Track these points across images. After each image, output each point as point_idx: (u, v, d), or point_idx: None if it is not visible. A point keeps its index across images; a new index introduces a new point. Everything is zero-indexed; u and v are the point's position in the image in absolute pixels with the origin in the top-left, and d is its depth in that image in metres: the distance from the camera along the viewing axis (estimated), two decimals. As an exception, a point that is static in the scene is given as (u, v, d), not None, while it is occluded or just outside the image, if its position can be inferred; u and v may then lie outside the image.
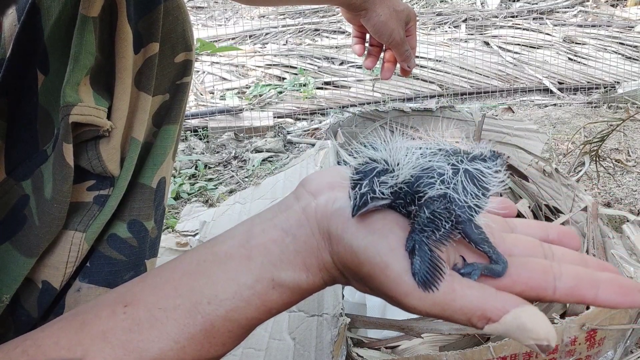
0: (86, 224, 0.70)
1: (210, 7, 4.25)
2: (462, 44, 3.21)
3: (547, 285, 0.46)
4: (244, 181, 1.98)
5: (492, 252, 0.47)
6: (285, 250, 0.48)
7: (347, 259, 0.46)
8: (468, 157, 0.47)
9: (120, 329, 0.47)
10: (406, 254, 0.45)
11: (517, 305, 0.43)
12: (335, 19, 3.68)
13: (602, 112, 2.43)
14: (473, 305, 0.43)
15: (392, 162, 0.46)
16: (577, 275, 0.47)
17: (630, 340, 1.04)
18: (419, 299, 0.44)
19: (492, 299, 0.43)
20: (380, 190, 0.45)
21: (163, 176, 0.77)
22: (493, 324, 0.43)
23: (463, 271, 0.46)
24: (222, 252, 0.49)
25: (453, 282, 0.44)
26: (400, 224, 0.46)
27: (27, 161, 0.70)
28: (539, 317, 0.43)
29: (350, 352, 0.99)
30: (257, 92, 2.71)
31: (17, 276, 0.68)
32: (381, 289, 0.45)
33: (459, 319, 0.44)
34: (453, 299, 0.43)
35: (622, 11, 3.72)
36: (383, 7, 1.04)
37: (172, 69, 0.77)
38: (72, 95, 0.65)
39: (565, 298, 0.47)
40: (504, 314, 0.43)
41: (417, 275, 0.44)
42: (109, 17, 0.69)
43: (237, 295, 0.47)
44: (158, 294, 0.48)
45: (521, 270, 0.47)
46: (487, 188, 0.47)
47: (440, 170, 0.46)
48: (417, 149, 0.47)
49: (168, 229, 1.57)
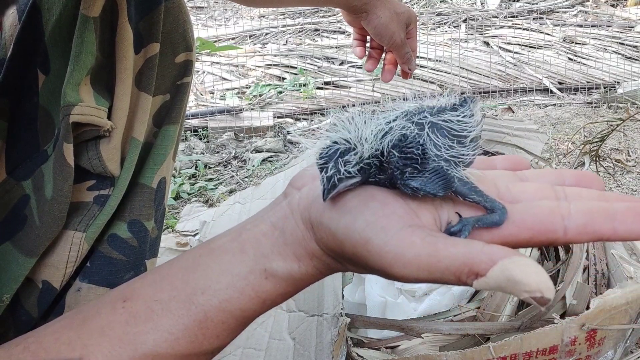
0: (86, 223, 0.70)
1: (210, 7, 4.25)
2: (462, 44, 3.21)
3: (555, 226, 0.43)
4: (244, 181, 1.98)
5: (483, 201, 0.44)
6: (276, 242, 0.48)
7: (330, 243, 0.46)
8: (433, 111, 0.45)
9: (118, 323, 0.47)
10: (383, 226, 0.43)
11: (505, 256, 0.40)
12: (335, 19, 3.68)
13: (602, 112, 2.43)
14: (459, 262, 0.41)
15: (354, 138, 0.45)
16: (588, 211, 0.43)
17: (630, 340, 1.04)
18: (403, 266, 0.42)
19: (478, 253, 0.41)
20: (347, 170, 0.44)
21: (163, 176, 0.77)
22: (482, 279, 0.40)
23: (453, 230, 0.44)
24: (216, 246, 0.50)
25: (437, 243, 0.42)
26: (377, 196, 0.46)
27: (28, 161, 0.70)
28: (529, 267, 0.39)
29: (350, 352, 1.00)
30: (257, 92, 2.71)
31: (18, 276, 0.68)
32: (369, 264, 0.44)
33: (449, 279, 0.42)
34: (438, 260, 0.41)
35: (622, 11, 3.72)
36: (384, 9, 1.04)
37: (173, 69, 0.77)
38: (72, 95, 0.66)
39: (580, 237, 0.43)
40: (491, 267, 0.40)
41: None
42: (110, 17, 0.69)
43: (230, 286, 0.48)
44: (155, 288, 0.49)
45: (526, 215, 0.44)
46: (461, 136, 0.44)
47: (404, 131, 0.44)
48: (380, 118, 0.46)
49: (168, 229, 1.57)
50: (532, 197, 0.47)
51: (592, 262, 1.14)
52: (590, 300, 0.98)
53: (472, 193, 0.44)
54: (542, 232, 0.43)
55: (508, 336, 0.94)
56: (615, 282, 1.08)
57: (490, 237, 0.44)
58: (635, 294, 0.97)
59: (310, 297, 1.07)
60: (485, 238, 0.44)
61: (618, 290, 0.97)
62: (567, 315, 1.01)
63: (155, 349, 0.47)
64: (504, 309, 1.09)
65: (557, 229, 0.43)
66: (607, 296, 0.96)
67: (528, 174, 0.52)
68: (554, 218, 0.43)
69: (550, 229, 0.43)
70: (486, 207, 0.44)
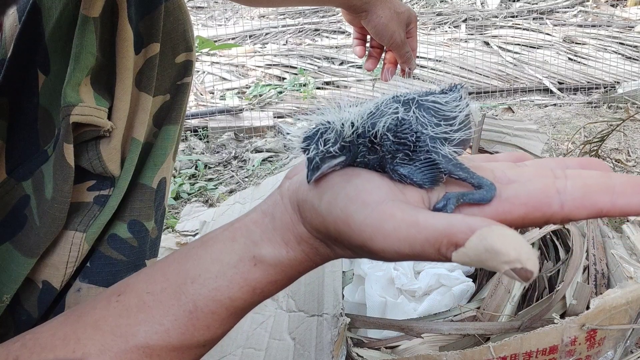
0: (86, 224, 0.70)
1: (210, 7, 4.25)
2: (462, 44, 3.21)
3: (550, 200, 0.41)
4: (244, 181, 1.98)
5: (470, 177, 0.43)
6: (265, 229, 0.48)
7: (316, 222, 0.46)
8: (421, 95, 0.45)
9: (112, 316, 0.48)
10: (364, 200, 0.43)
11: (484, 225, 0.38)
12: (335, 19, 3.68)
13: (602, 112, 2.43)
14: (438, 232, 0.39)
15: (337, 119, 0.44)
16: (585, 184, 0.41)
17: (630, 340, 1.04)
18: (383, 239, 0.41)
19: (458, 223, 0.39)
20: (327, 149, 0.44)
21: (163, 176, 0.77)
22: (461, 249, 0.38)
23: (436, 206, 0.43)
24: (209, 237, 0.51)
25: (417, 215, 0.41)
26: (362, 174, 0.45)
27: (28, 161, 0.70)
28: (509, 236, 0.37)
29: (350, 352, 1.00)
30: (257, 92, 2.71)
31: (18, 276, 0.68)
32: (352, 241, 0.44)
33: (430, 253, 0.40)
34: (417, 231, 0.40)
35: (622, 11, 3.72)
36: (384, 8, 1.04)
37: (173, 70, 0.77)
38: (72, 95, 0.66)
39: (578, 212, 0.41)
40: (470, 236, 0.38)
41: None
42: (110, 18, 0.69)
43: (220, 275, 0.48)
44: (148, 280, 0.49)
45: (519, 191, 0.42)
46: (448, 117, 0.44)
47: (390, 109, 0.44)
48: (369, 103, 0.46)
49: (168, 229, 1.57)
50: (529, 178, 0.45)
51: (592, 262, 1.14)
52: (590, 300, 0.98)
53: (458, 170, 0.43)
54: (537, 207, 0.41)
55: (508, 336, 0.94)
56: (615, 282, 1.08)
57: (482, 215, 0.42)
58: (635, 294, 0.97)
59: (310, 297, 1.07)
60: (478, 216, 0.42)
61: (618, 290, 0.97)
62: (567, 315, 1.01)
63: (146, 340, 0.47)
64: (504, 309, 1.09)
65: (552, 202, 0.41)
66: (607, 296, 0.96)
67: (528, 162, 0.50)
68: (548, 192, 0.41)
69: (545, 202, 0.41)
70: (473, 184, 0.43)
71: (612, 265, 1.13)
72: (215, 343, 0.50)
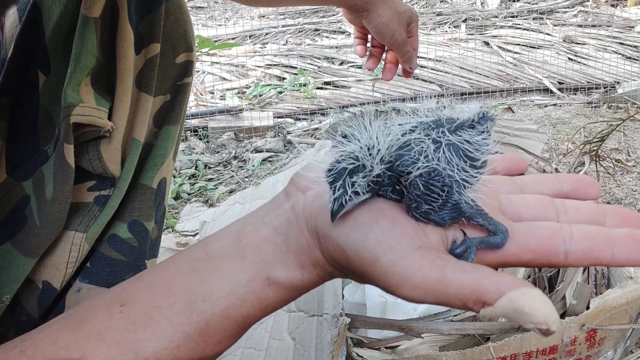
0: (87, 224, 0.70)
1: (210, 7, 4.25)
2: (462, 44, 3.21)
3: (557, 250, 0.44)
4: (244, 181, 1.98)
5: (487, 224, 0.44)
6: (278, 249, 0.48)
7: (337, 257, 0.46)
8: (452, 128, 0.45)
9: (116, 328, 0.47)
10: (393, 245, 0.43)
11: (513, 287, 0.40)
12: (335, 19, 3.68)
13: (602, 112, 2.43)
14: (467, 290, 0.41)
15: (365, 153, 0.44)
16: (589, 235, 0.44)
17: (630, 340, 1.04)
18: (411, 289, 0.42)
19: (487, 282, 0.41)
20: (355, 191, 0.44)
21: (164, 177, 0.77)
22: (489, 308, 0.40)
23: (457, 251, 0.44)
24: (215, 251, 0.49)
25: (445, 267, 0.42)
26: (387, 212, 0.45)
27: (28, 161, 0.70)
28: (537, 300, 0.40)
29: (350, 352, 1.00)
30: (257, 92, 2.71)
31: (18, 276, 0.68)
32: (375, 282, 0.44)
33: (455, 304, 0.42)
34: (446, 286, 0.41)
35: (622, 11, 3.72)
36: (385, 8, 1.04)
37: (173, 70, 0.77)
38: (73, 95, 0.66)
39: (580, 262, 0.44)
40: (499, 298, 0.40)
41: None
42: (110, 18, 0.69)
43: (232, 293, 0.47)
44: (153, 292, 0.48)
45: (528, 237, 0.45)
46: (475, 158, 0.44)
47: (421, 147, 0.44)
48: (395, 127, 0.45)
49: (168, 229, 1.57)
50: (533, 213, 0.47)
51: (592, 262, 1.14)
52: (590, 300, 0.98)
53: (478, 216, 0.45)
54: (544, 255, 0.44)
55: (508, 336, 0.94)
56: (615, 282, 1.08)
57: (493, 257, 0.44)
58: (635, 294, 0.97)
59: (310, 297, 1.07)
60: (489, 258, 0.44)
61: (618, 290, 0.97)
62: (567, 315, 1.01)
63: (156, 356, 0.46)
64: (504, 309, 1.09)
65: (558, 252, 0.44)
66: (607, 296, 0.96)
67: (527, 181, 0.52)
68: (556, 242, 0.44)
69: (552, 252, 0.44)
70: (489, 230, 0.45)
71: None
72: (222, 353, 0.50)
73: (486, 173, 0.46)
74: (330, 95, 2.70)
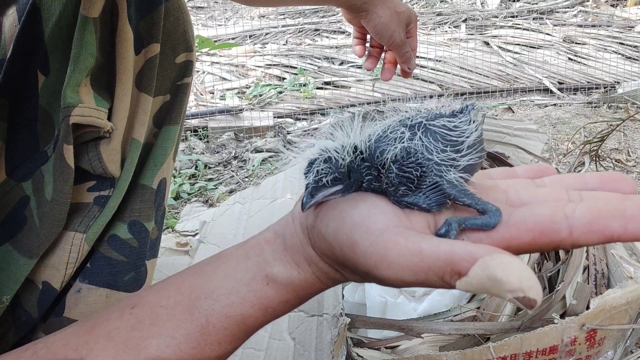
0: (87, 224, 0.70)
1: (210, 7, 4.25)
2: (462, 44, 3.21)
3: (558, 226, 0.40)
4: (244, 181, 1.98)
5: (474, 203, 0.43)
6: (277, 249, 0.49)
7: (323, 247, 0.46)
8: (430, 117, 0.45)
9: (124, 328, 0.48)
10: (369, 226, 0.43)
11: (486, 254, 0.38)
12: (335, 19, 3.68)
13: (602, 112, 2.43)
14: (441, 260, 0.39)
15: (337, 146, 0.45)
16: (594, 208, 0.40)
17: (630, 340, 1.04)
18: (388, 266, 0.41)
19: (460, 251, 0.39)
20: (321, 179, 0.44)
21: (164, 177, 0.77)
22: (464, 279, 0.38)
23: (439, 232, 0.43)
24: (223, 254, 0.51)
25: (421, 242, 0.41)
26: (368, 199, 0.45)
27: (28, 162, 0.70)
28: (512, 264, 0.37)
29: (350, 352, 1.00)
30: (257, 92, 2.71)
31: (18, 277, 0.68)
32: (358, 267, 0.44)
33: (434, 281, 0.40)
34: (421, 259, 0.40)
35: (622, 11, 3.72)
36: (384, 8, 1.04)
37: (173, 70, 0.77)
38: (72, 96, 0.66)
39: (587, 237, 0.39)
40: (472, 265, 0.38)
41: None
42: (110, 18, 0.69)
43: (233, 291, 0.48)
44: (162, 294, 0.50)
45: (526, 216, 0.41)
46: (455, 142, 0.44)
47: (397, 135, 0.44)
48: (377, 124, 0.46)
49: (168, 229, 1.57)
50: (541, 201, 0.44)
51: (592, 262, 1.14)
52: (590, 300, 0.98)
53: (462, 196, 0.43)
54: (544, 233, 0.40)
55: (508, 336, 0.94)
56: (615, 282, 1.08)
57: (490, 241, 0.42)
58: (635, 294, 0.97)
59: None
60: (485, 242, 0.42)
61: (618, 290, 0.97)
62: (567, 315, 1.01)
63: (157, 354, 0.47)
64: (504, 309, 1.09)
65: (560, 228, 0.40)
66: (607, 296, 0.96)
67: (547, 180, 0.49)
68: (556, 217, 0.40)
69: (552, 228, 0.40)
70: (478, 210, 0.43)
71: (612, 265, 1.13)
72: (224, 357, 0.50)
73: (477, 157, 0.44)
74: (330, 95, 2.70)
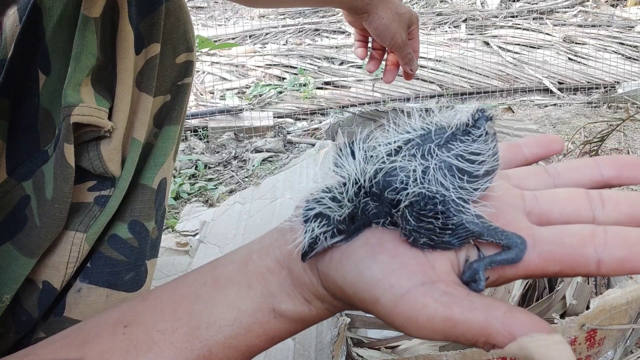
0: (87, 224, 0.70)
1: (210, 7, 4.25)
2: (462, 44, 3.21)
3: (587, 261, 0.39)
4: (244, 181, 1.98)
5: (498, 239, 0.40)
6: (283, 282, 0.46)
7: (339, 294, 0.44)
8: (441, 141, 0.41)
9: (118, 350, 0.46)
10: (393, 284, 0.40)
11: (525, 333, 0.37)
12: (335, 19, 3.68)
13: (602, 112, 2.43)
14: (475, 331, 0.38)
15: (341, 189, 0.41)
16: (627, 242, 0.39)
17: (630, 340, 1.04)
18: (417, 330, 0.40)
19: (497, 324, 0.38)
20: (323, 232, 0.41)
21: (164, 177, 0.77)
22: (499, 350, 0.38)
23: (464, 278, 0.40)
24: (222, 276, 0.48)
25: (452, 305, 0.39)
26: (386, 245, 0.42)
27: (28, 161, 0.70)
28: (550, 350, 0.36)
29: (350, 352, 1.00)
30: (257, 92, 2.71)
31: (18, 276, 0.68)
32: (381, 319, 0.42)
33: (465, 343, 0.40)
34: (453, 326, 0.39)
35: (622, 11, 3.72)
36: (385, 10, 1.04)
37: (174, 70, 0.77)
38: (73, 95, 0.66)
39: (614, 272, 0.39)
40: (509, 342, 0.37)
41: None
42: (111, 18, 0.69)
43: (236, 322, 0.46)
44: (157, 315, 0.47)
45: (553, 246, 0.40)
46: (473, 169, 0.40)
47: (408, 171, 0.40)
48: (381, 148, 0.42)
49: (168, 229, 1.57)
50: (564, 210, 0.43)
51: (592, 262, 1.14)
52: (590, 300, 0.98)
53: (485, 234, 0.40)
54: (572, 266, 0.40)
55: (508, 336, 0.94)
56: (615, 282, 1.08)
57: (514, 272, 0.41)
58: (635, 294, 0.97)
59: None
60: (509, 273, 0.41)
61: (618, 290, 0.97)
62: (567, 315, 1.01)
63: None
64: (504, 309, 1.09)
65: (589, 262, 0.39)
66: (607, 296, 0.96)
67: (560, 169, 0.47)
68: (586, 250, 0.39)
69: (581, 263, 0.39)
70: (502, 245, 0.40)
71: None
72: None
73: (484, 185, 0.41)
74: (330, 95, 2.70)
